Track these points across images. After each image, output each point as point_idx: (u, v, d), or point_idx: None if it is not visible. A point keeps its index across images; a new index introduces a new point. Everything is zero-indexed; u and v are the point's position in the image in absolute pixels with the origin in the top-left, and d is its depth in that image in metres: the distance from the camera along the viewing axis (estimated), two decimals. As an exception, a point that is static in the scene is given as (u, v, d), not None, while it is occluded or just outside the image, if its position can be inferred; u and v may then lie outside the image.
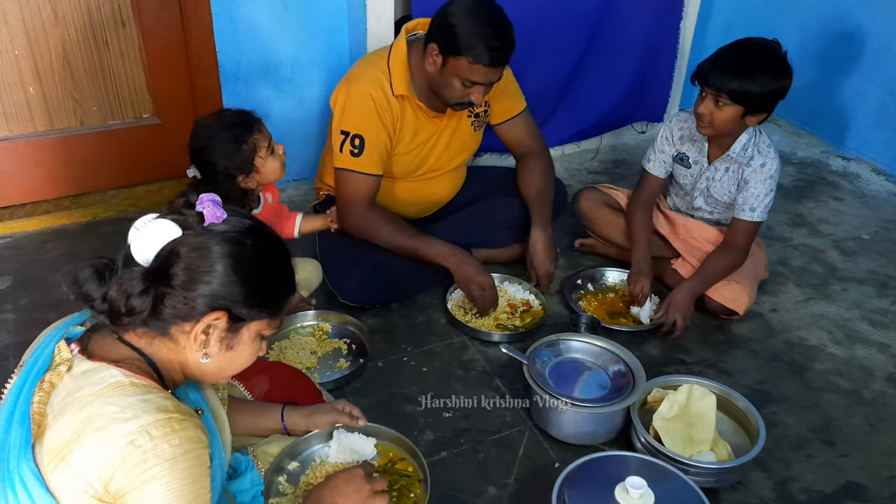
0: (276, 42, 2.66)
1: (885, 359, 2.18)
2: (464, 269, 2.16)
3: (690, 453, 1.69)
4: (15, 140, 2.57)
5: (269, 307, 1.12)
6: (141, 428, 0.97)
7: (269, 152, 1.91)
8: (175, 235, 1.05)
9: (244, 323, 1.10)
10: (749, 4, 3.49)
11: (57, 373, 1.04)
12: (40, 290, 2.30)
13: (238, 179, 1.88)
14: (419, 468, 1.57)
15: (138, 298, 1.03)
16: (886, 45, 3.15)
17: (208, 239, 1.05)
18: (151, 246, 1.05)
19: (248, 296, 1.07)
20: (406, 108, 2.17)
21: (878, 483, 1.77)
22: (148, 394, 1.02)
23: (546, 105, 3.09)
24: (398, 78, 2.12)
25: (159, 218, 1.07)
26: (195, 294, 1.04)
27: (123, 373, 1.03)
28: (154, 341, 1.08)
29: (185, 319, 1.06)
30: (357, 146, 2.10)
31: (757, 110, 2.05)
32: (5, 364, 2.00)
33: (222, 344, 1.10)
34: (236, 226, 1.08)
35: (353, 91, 2.11)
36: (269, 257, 1.11)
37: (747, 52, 2.03)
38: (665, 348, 2.18)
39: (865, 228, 2.86)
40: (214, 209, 1.07)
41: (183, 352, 1.09)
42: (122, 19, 2.54)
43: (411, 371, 2.05)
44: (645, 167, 2.37)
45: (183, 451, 0.99)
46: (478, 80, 2.01)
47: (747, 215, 2.18)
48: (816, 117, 3.52)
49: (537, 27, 2.88)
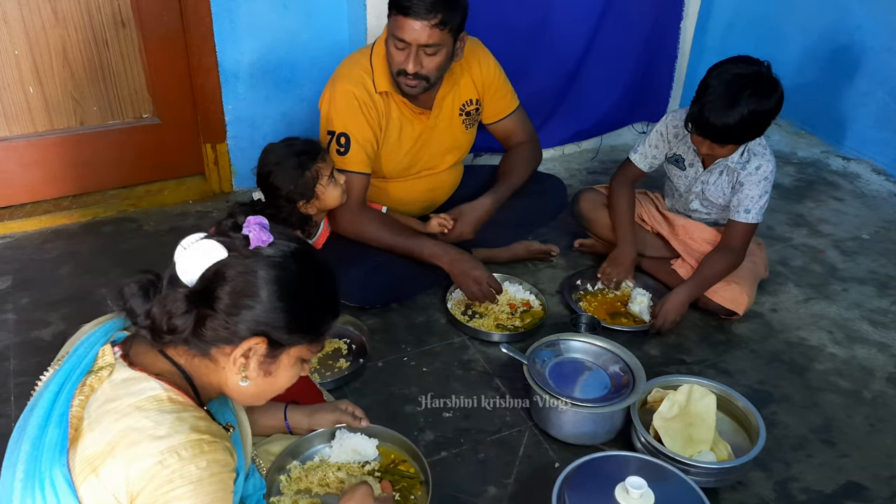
0: (277, 42, 2.66)
1: (886, 359, 2.18)
2: (458, 266, 2.16)
3: (690, 453, 1.69)
4: (15, 140, 2.57)
5: (311, 334, 1.11)
6: (171, 448, 0.97)
7: (330, 180, 1.99)
8: (221, 257, 1.04)
9: (284, 348, 1.09)
10: (749, 5, 3.49)
11: (98, 377, 1.04)
12: (40, 290, 2.30)
13: (299, 205, 1.97)
14: (421, 470, 1.57)
15: (180, 319, 1.03)
16: (887, 45, 3.15)
17: (254, 262, 1.04)
18: (197, 266, 1.04)
19: (290, 322, 1.07)
20: (391, 105, 2.16)
21: (878, 483, 1.77)
22: (183, 412, 1.02)
23: (546, 105, 3.09)
24: (380, 74, 2.11)
25: (206, 238, 1.06)
26: (237, 319, 1.03)
27: (163, 386, 1.03)
28: (194, 360, 1.09)
29: (226, 343, 1.06)
30: (343, 144, 2.11)
31: (755, 136, 2.08)
32: (5, 364, 2.00)
33: (261, 368, 1.10)
34: (282, 250, 1.07)
35: (336, 91, 2.12)
36: (313, 284, 1.10)
37: (736, 93, 1.94)
38: (665, 348, 2.18)
39: (865, 228, 2.86)
40: (261, 232, 1.06)
41: (223, 372, 1.10)
42: (122, 19, 2.54)
43: (411, 371, 2.05)
44: (630, 157, 2.37)
45: (209, 473, 0.99)
46: (402, 37, 1.97)
47: (742, 217, 2.18)
48: (816, 117, 3.52)
49: (538, 27, 2.89)
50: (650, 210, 2.49)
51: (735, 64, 2.00)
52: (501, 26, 2.78)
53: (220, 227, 1.11)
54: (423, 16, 1.93)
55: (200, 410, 1.06)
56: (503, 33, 2.78)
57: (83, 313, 2.16)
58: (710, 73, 2.02)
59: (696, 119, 2.01)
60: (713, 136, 2.01)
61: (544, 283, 2.44)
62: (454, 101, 2.26)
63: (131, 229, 2.64)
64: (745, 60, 2.00)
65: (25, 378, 1.95)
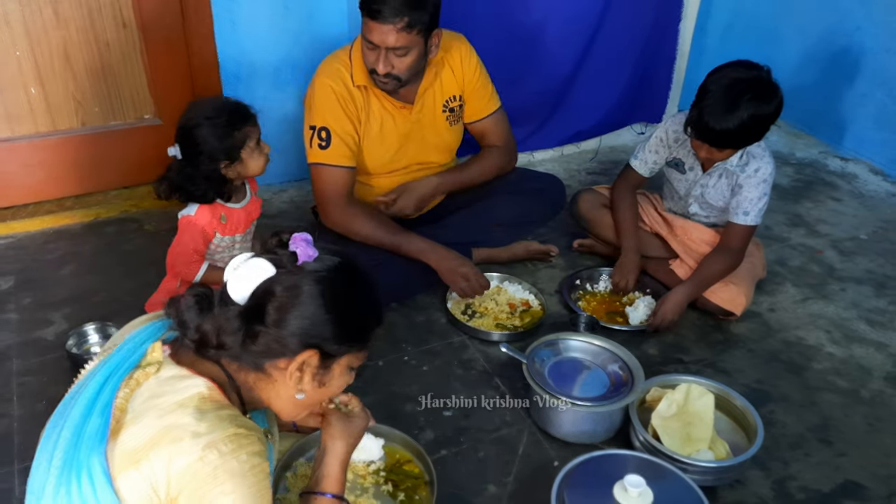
0: (277, 43, 2.66)
1: (883, 358, 2.19)
2: (445, 263, 2.16)
3: (689, 452, 1.70)
4: (17, 141, 2.58)
5: (359, 342, 1.16)
6: (211, 443, 0.99)
7: (256, 147, 1.93)
8: (270, 274, 1.08)
9: (335, 359, 1.14)
10: (748, 6, 3.50)
11: (145, 372, 1.07)
12: (43, 290, 2.31)
13: (221, 165, 1.89)
14: (426, 470, 1.58)
15: (231, 336, 1.07)
16: (885, 45, 3.16)
17: (301, 278, 1.08)
18: (248, 285, 1.08)
19: (339, 333, 1.11)
20: (371, 99, 2.17)
21: (876, 482, 1.78)
22: (222, 409, 1.04)
23: (545, 106, 3.10)
24: (359, 69, 2.12)
25: (255, 257, 1.10)
26: (287, 332, 1.07)
27: (206, 384, 1.06)
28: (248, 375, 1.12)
29: (279, 357, 1.09)
30: (324, 138, 2.12)
31: (754, 141, 2.09)
32: (8, 364, 2.01)
33: (315, 380, 1.14)
34: (327, 264, 1.11)
35: (315, 85, 2.14)
36: (358, 294, 1.15)
37: (736, 97, 1.95)
38: (663, 348, 2.19)
39: (863, 228, 2.87)
40: (307, 248, 1.10)
41: (275, 386, 1.13)
42: (124, 20, 2.55)
43: (411, 370, 2.06)
44: (630, 163, 2.38)
45: (250, 466, 1.02)
46: (371, 39, 1.99)
47: (741, 219, 2.19)
48: (815, 118, 3.53)
49: (537, 28, 2.90)
50: (649, 211, 2.50)
51: (735, 68, 2.00)
52: (501, 27, 2.79)
53: (267, 245, 1.15)
54: (390, 20, 1.94)
55: (237, 410, 1.09)
56: (503, 34, 2.79)
57: (85, 313, 2.18)
58: (709, 77, 2.02)
59: (696, 123, 2.01)
60: (712, 140, 2.02)
61: (543, 283, 2.45)
62: (436, 97, 2.26)
63: (133, 229, 2.64)
64: (744, 65, 2.01)
65: (28, 378, 1.96)
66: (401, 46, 1.99)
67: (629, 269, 2.35)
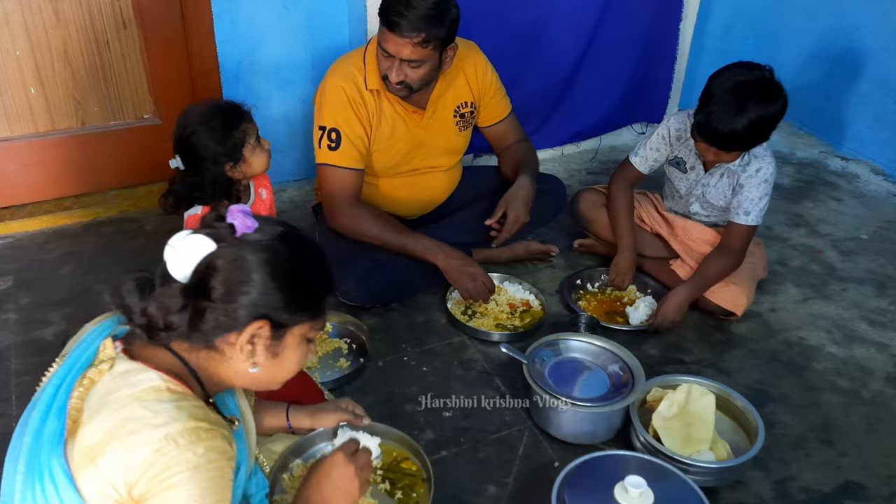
0: (277, 42, 2.66)
1: (884, 358, 2.19)
2: (452, 263, 2.16)
3: (689, 452, 1.70)
4: (16, 140, 2.58)
5: (310, 310, 1.14)
6: (169, 436, 0.98)
7: (256, 144, 1.91)
8: (210, 249, 1.06)
9: (287, 329, 1.11)
10: (748, 5, 3.49)
11: (98, 370, 1.05)
12: (41, 290, 2.30)
13: (225, 167, 1.86)
14: (423, 468, 1.57)
15: (177, 315, 1.04)
16: (885, 45, 3.16)
17: (243, 249, 1.06)
18: (188, 262, 1.05)
19: (288, 301, 1.09)
20: (382, 103, 2.17)
21: (877, 482, 1.78)
22: (182, 401, 1.03)
23: (545, 105, 3.10)
24: (372, 72, 2.12)
25: (193, 234, 1.08)
26: (236, 305, 1.05)
27: (161, 377, 1.04)
28: (199, 354, 1.10)
29: (228, 331, 1.07)
30: (334, 140, 2.11)
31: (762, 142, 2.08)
32: (6, 364, 2.01)
33: (268, 352, 1.11)
34: (269, 233, 1.09)
35: (326, 86, 2.13)
36: (304, 261, 1.13)
37: (743, 100, 1.94)
38: (664, 348, 2.19)
39: (864, 228, 2.87)
40: (245, 219, 1.08)
41: (230, 362, 1.11)
42: (124, 20, 2.54)
43: (411, 371, 2.06)
44: (630, 159, 2.37)
45: (206, 460, 1.00)
46: (386, 48, 1.99)
47: (742, 219, 2.19)
48: (815, 118, 3.53)
49: (537, 27, 2.89)
50: (649, 211, 2.49)
51: (737, 70, 1.99)
52: (501, 26, 2.78)
53: (205, 220, 1.12)
54: (407, 34, 1.94)
55: (199, 400, 1.07)
56: (503, 33, 2.79)
57: (84, 313, 2.16)
58: (712, 81, 2.01)
59: (703, 127, 2.00)
60: (721, 143, 2.01)
61: (544, 283, 2.44)
62: (448, 103, 2.27)
63: (132, 229, 2.64)
64: (746, 66, 2.00)
65: (26, 378, 1.96)
66: (415, 59, 2.00)
67: (625, 267, 2.35)
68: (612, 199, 2.40)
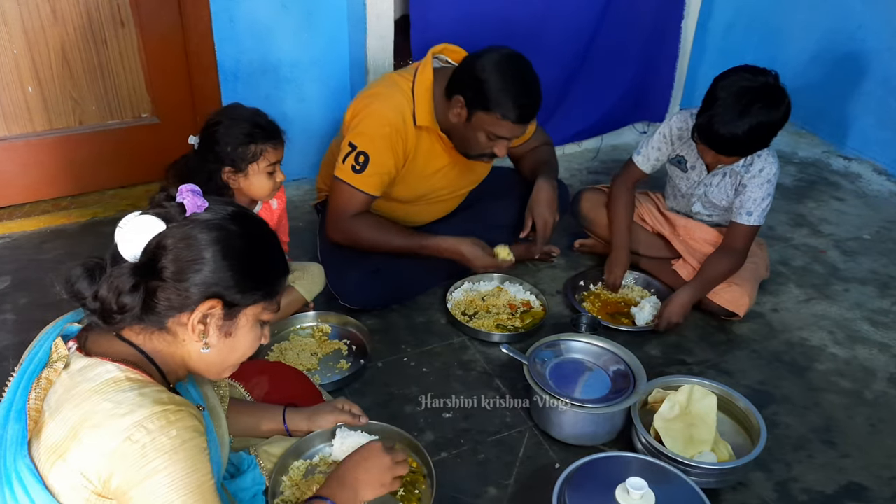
0: (276, 41, 2.65)
1: (887, 359, 2.17)
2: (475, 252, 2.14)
3: (691, 454, 1.69)
4: (13, 140, 2.57)
5: (262, 289, 1.12)
6: (137, 423, 0.97)
7: (267, 170, 1.88)
8: (160, 229, 1.05)
9: (240, 308, 1.10)
10: (750, 4, 3.48)
11: (54, 370, 1.04)
12: (39, 291, 2.29)
13: (224, 169, 1.86)
14: (423, 464, 1.57)
15: (129, 295, 1.03)
16: (888, 44, 3.14)
17: (192, 228, 1.05)
18: (137, 242, 1.05)
19: (240, 280, 1.08)
20: (422, 138, 2.13)
21: (879, 484, 1.77)
22: (144, 388, 1.02)
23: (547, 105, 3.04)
24: (422, 108, 2.08)
25: (142, 214, 1.07)
26: (187, 284, 1.04)
27: (119, 368, 1.03)
28: (153, 337, 1.09)
29: (180, 311, 1.06)
30: (361, 163, 2.06)
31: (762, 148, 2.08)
32: (5, 364, 2.00)
33: (221, 332, 1.10)
34: (219, 212, 1.09)
35: (373, 110, 2.06)
36: (255, 240, 1.12)
37: (746, 105, 1.93)
38: (666, 349, 2.18)
39: (867, 228, 2.86)
40: (195, 198, 1.08)
41: (183, 345, 1.10)
42: (121, 19, 2.53)
43: (411, 371, 2.05)
44: (633, 158, 2.36)
45: (181, 441, 0.99)
46: (504, 135, 2.01)
47: (744, 219, 2.18)
48: (818, 117, 3.51)
49: (539, 26, 2.88)
50: (651, 210, 2.48)
51: (743, 75, 1.98)
52: (502, 25, 2.77)
53: (155, 200, 1.12)
54: (532, 118, 2.03)
55: (161, 386, 1.06)
56: (504, 32, 2.77)
57: (82, 313, 2.17)
58: (716, 83, 2.00)
59: (705, 130, 2.00)
60: (720, 147, 2.01)
61: (544, 284, 2.43)
62: None
63: (131, 229, 2.63)
64: (752, 71, 1.99)
65: (24, 378, 1.95)
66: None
67: (617, 265, 2.35)
68: (611, 198, 2.40)
